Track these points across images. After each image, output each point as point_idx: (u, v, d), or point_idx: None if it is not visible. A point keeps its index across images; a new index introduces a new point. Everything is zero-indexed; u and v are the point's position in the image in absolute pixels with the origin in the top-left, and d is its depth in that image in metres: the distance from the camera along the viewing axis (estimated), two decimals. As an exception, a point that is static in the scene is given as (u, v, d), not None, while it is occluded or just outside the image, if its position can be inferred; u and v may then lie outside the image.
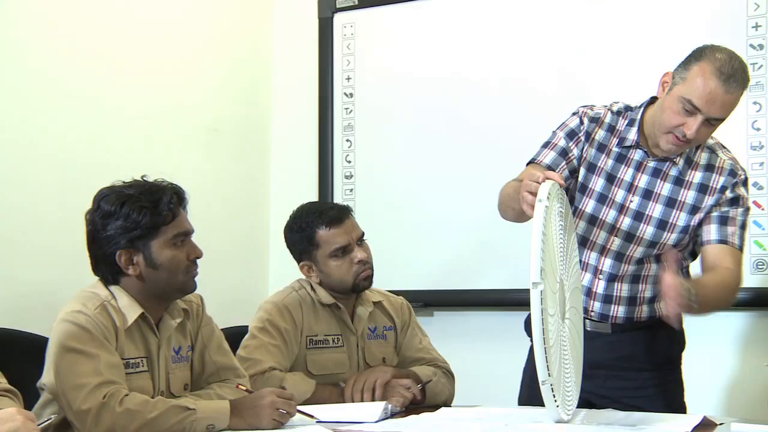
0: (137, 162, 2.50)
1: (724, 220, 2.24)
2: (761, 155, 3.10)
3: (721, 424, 1.98)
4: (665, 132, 2.19)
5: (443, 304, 3.52)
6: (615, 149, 2.32)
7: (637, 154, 2.30)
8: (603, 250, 2.30)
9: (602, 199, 2.31)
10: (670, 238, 2.28)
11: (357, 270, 2.49)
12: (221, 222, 3.49)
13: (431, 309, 3.49)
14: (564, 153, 2.32)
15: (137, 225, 2.00)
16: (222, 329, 2.28)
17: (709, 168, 2.28)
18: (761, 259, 3.09)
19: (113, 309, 1.99)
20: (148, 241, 2.02)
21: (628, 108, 2.35)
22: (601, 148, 2.32)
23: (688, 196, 2.27)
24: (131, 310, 2.01)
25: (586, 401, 2.18)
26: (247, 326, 2.53)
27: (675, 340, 2.41)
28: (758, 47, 3.09)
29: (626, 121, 2.32)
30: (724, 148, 2.32)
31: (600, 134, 2.33)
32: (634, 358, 2.34)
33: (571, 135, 2.33)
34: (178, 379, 2.10)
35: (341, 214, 2.51)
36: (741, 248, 2.24)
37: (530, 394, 2.30)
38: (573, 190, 2.33)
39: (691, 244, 2.32)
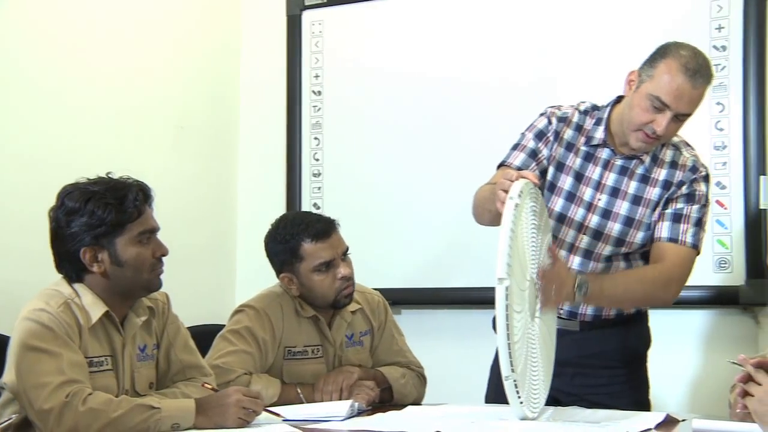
0: (103, 159, 2.48)
1: (677, 218, 2.26)
2: (724, 155, 3.13)
3: (683, 420, 2.00)
4: (634, 129, 2.21)
5: (411, 302, 3.51)
6: (583, 148, 2.34)
7: (604, 153, 2.32)
8: (572, 248, 2.32)
9: (571, 197, 2.32)
10: (637, 235, 2.30)
11: (340, 286, 2.43)
12: (187, 219, 3.45)
13: (399, 307, 3.49)
14: (533, 154, 2.34)
15: (102, 222, 1.97)
16: (188, 327, 2.26)
17: (673, 165, 2.30)
18: (724, 257, 3.12)
19: (77, 307, 1.97)
20: (113, 239, 1.99)
21: (594, 107, 2.38)
22: (570, 147, 2.34)
23: (653, 193, 2.29)
24: (95, 308, 1.99)
25: (553, 399, 2.18)
26: (212, 325, 2.50)
27: (642, 337, 2.43)
28: (721, 48, 3.13)
29: (593, 120, 2.34)
30: (689, 146, 2.35)
31: (568, 133, 2.35)
32: (602, 355, 2.36)
33: (540, 136, 2.35)
34: (143, 377, 2.08)
35: (328, 228, 2.45)
36: (694, 246, 2.25)
37: (497, 392, 2.30)
38: (542, 189, 2.34)
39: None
